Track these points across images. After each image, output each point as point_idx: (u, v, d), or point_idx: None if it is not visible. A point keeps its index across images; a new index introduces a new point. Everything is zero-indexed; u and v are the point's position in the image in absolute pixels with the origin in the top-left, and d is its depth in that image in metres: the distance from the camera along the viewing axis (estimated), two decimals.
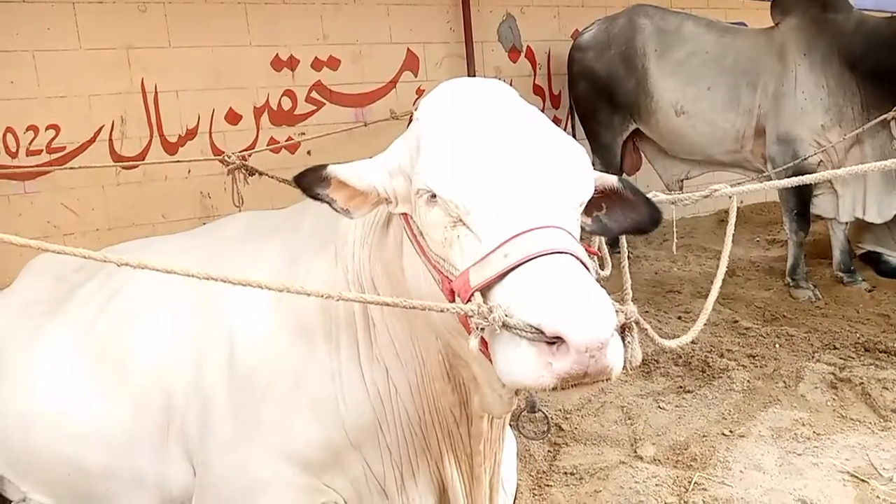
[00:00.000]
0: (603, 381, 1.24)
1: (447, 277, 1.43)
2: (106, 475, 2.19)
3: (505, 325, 1.22)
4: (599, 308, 1.21)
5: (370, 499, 1.90)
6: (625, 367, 1.31)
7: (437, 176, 1.41)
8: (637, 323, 1.41)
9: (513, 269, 1.27)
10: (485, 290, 1.31)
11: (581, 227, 1.58)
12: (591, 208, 1.57)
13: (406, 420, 1.82)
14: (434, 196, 1.42)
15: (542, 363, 1.20)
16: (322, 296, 1.41)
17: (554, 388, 1.22)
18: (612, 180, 1.61)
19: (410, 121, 4.86)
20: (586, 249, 1.45)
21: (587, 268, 1.31)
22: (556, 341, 1.19)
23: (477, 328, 1.27)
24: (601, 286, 1.29)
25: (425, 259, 1.50)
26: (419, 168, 1.46)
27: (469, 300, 1.32)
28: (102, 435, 2.15)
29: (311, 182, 1.57)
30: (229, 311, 1.98)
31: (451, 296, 1.41)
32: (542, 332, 1.19)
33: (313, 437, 1.83)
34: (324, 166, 1.58)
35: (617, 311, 1.31)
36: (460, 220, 1.39)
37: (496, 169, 1.38)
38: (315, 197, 1.58)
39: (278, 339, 1.87)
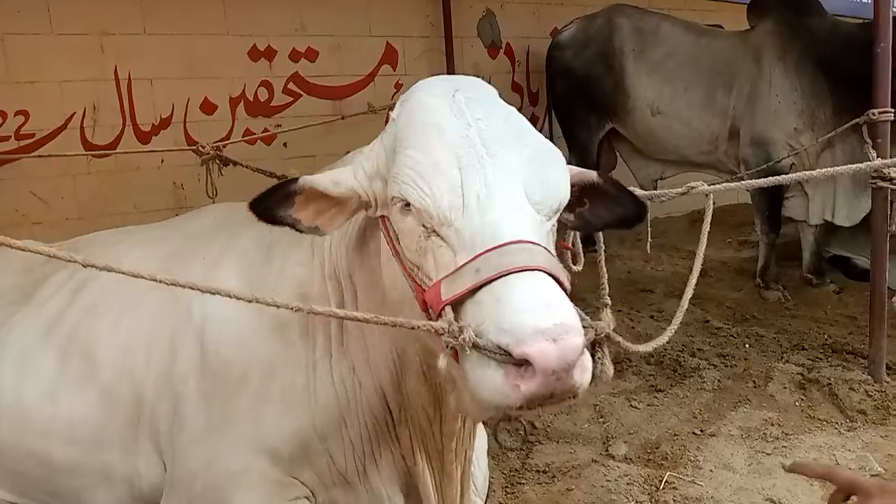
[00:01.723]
0: (570, 398, 1.24)
1: (420, 286, 1.41)
2: (73, 470, 2.15)
3: (475, 346, 1.22)
4: (568, 330, 1.19)
5: (333, 489, 1.89)
6: (594, 381, 1.32)
7: (411, 185, 1.37)
8: (608, 337, 1.40)
9: (483, 285, 1.25)
10: (456, 304, 1.30)
11: (563, 223, 1.58)
12: (572, 204, 1.55)
13: (370, 415, 1.82)
14: (408, 204, 1.39)
15: (509, 385, 1.20)
16: (293, 308, 1.40)
17: (521, 408, 1.22)
18: (591, 176, 1.60)
19: (388, 116, 4.82)
20: (560, 245, 1.46)
21: (560, 282, 1.29)
22: (524, 363, 1.18)
23: (447, 346, 1.26)
24: (571, 297, 1.29)
25: (400, 264, 1.48)
26: (393, 174, 1.43)
27: (440, 313, 1.31)
28: (69, 429, 2.10)
29: (271, 204, 1.50)
30: (202, 303, 1.93)
31: (424, 305, 1.39)
32: (510, 354, 1.19)
33: (285, 429, 1.82)
34: (295, 179, 1.52)
35: (587, 328, 1.30)
36: (434, 231, 1.37)
37: (471, 179, 1.35)
38: (276, 221, 1.52)
39: (254, 332, 1.84)
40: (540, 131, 1.54)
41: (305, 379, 1.81)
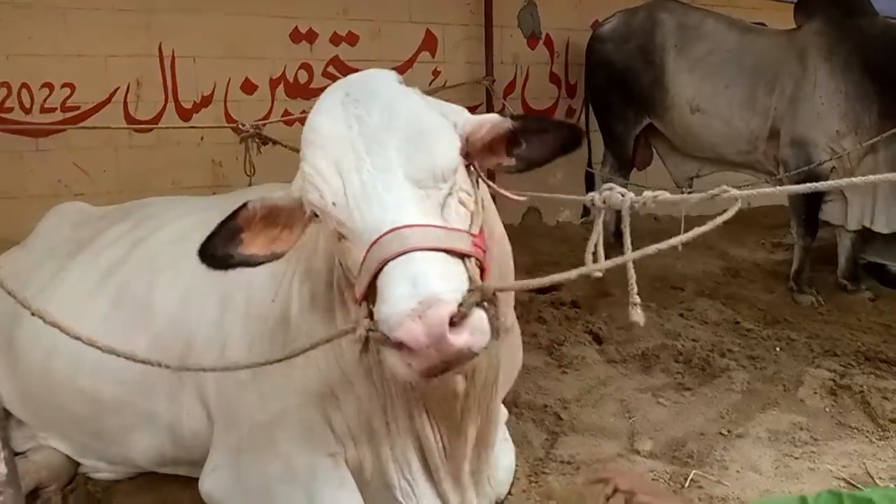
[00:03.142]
0: (471, 359, 1.35)
1: (350, 282, 1.55)
2: (119, 410, 2.32)
3: (369, 339, 1.37)
4: (432, 303, 1.28)
5: (361, 442, 1.96)
6: (497, 336, 1.40)
7: (309, 193, 1.50)
8: (494, 295, 1.42)
9: (373, 278, 1.37)
10: (370, 298, 1.41)
11: (508, 169, 1.67)
12: (509, 147, 1.64)
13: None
14: (315, 213, 1.52)
15: (403, 364, 1.33)
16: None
17: (427, 378, 1.35)
18: (506, 124, 1.63)
19: None
20: (492, 189, 1.59)
21: (451, 250, 1.38)
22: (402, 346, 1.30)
23: (358, 343, 1.42)
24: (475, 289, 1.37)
25: (339, 267, 1.63)
26: (300, 188, 1.55)
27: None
28: (119, 370, 2.22)
29: (220, 248, 1.59)
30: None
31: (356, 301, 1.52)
32: (389, 340, 1.31)
33: (315, 369, 1.92)
34: (245, 205, 1.60)
35: (473, 290, 1.36)
36: (341, 235, 1.50)
37: (350, 180, 1.45)
38: (231, 264, 1.60)
39: (285, 286, 2.00)
40: (576, 123, 1.57)
41: (332, 326, 1.89)
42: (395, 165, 1.47)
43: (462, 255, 1.42)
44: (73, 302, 2.36)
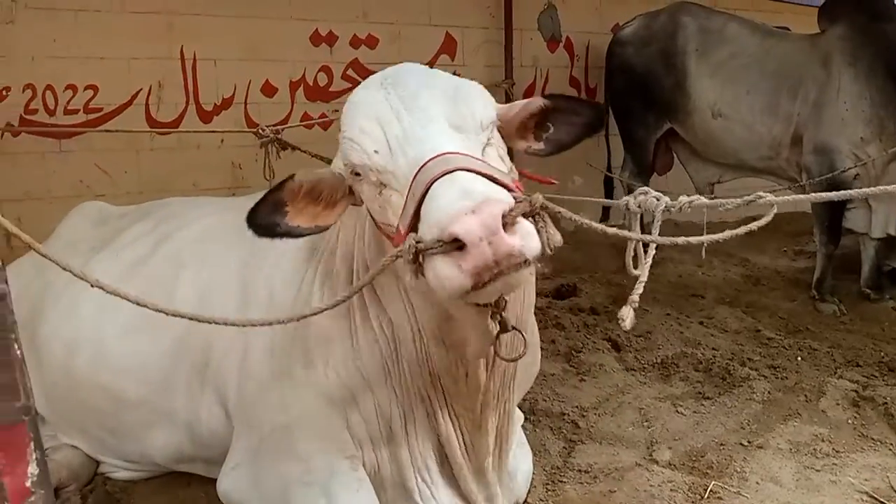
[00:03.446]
0: (523, 265, 1.33)
1: (391, 236, 1.56)
2: (139, 407, 2.36)
3: (417, 250, 1.35)
4: (486, 200, 1.30)
5: (379, 444, 1.99)
6: (547, 249, 1.43)
7: (349, 151, 1.57)
8: (544, 208, 1.45)
9: (419, 203, 1.39)
10: (415, 230, 1.41)
11: (536, 153, 1.74)
12: (538, 132, 1.72)
13: (406, 366, 1.91)
14: (356, 173, 1.58)
15: (454, 267, 1.31)
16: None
17: (478, 287, 1.32)
18: (537, 102, 1.71)
19: None
20: (523, 174, 1.62)
21: (492, 177, 1.41)
22: (462, 245, 1.29)
23: (405, 263, 1.40)
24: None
25: (378, 231, 1.65)
26: (340, 151, 1.61)
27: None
28: (141, 369, 2.29)
29: (267, 217, 1.62)
30: (273, 262, 2.16)
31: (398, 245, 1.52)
32: (443, 242, 1.31)
33: (333, 372, 1.95)
34: (291, 177, 1.65)
35: (520, 200, 1.39)
36: (382, 184, 1.54)
37: (391, 130, 1.52)
38: (277, 233, 1.64)
39: (308, 282, 2.05)
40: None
41: (347, 326, 1.95)
42: (435, 113, 1.53)
43: (503, 187, 1.42)
44: (100, 298, 2.40)
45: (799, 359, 3.88)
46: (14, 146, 4.41)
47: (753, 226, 1.83)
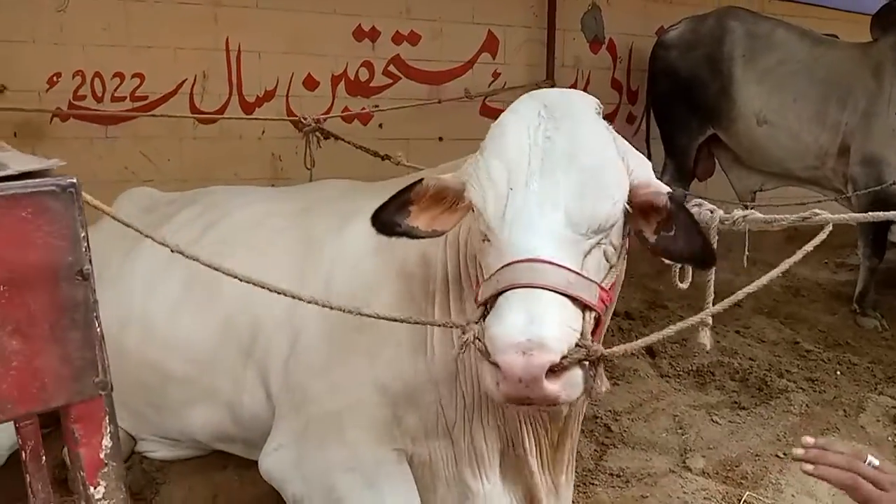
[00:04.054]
0: (554, 406, 1.42)
1: (477, 280, 1.62)
2: (184, 383, 2.38)
3: (473, 345, 1.43)
4: (541, 346, 1.32)
5: (436, 437, 1.98)
6: (590, 396, 1.45)
7: (474, 188, 1.56)
8: (602, 358, 1.44)
9: (499, 294, 1.42)
10: (489, 304, 1.47)
11: (645, 239, 1.65)
12: (659, 225, 1.62)
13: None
14: (474, 210, 1.58)
15: (493, 382, 1.39)
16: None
17: (508, 402, 1.41)
18: (661, 199, 1.59)
19: (483, 102, 4.77)
20: (600, 288, 1.50)
21: (575, 297, 1.40)
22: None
23: (460, 340, 1.48)
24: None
25: (470, 259, 1.70)
26: (469, 174, 1.60)
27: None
28: (188, 347, 2.33)
29: (389, 217, 1.66)
30: (334, 248, 2.16)
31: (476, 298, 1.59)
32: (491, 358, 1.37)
33: (397, 370, 1.95)
34: (417, 181, 1.67)
35: (580, 346, 1.39)
36: (486, 237, 1.55)
37: (515, 197, 1.50)
38: (396, 232, 1.67)
39: (378, 280, 2.01)
40: (637, 131, 1.57)
41: (423, 334, 1.93)
42: (561, 199, 1.49)
43: (584, 306, 1.44)
44: (149, 279, 2.45)
45: (838, 373, 3.80)
46: (62, 131, 4.51)
47: (810, 246, 1.80)
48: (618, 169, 1.58)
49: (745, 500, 2.60)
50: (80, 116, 4.52)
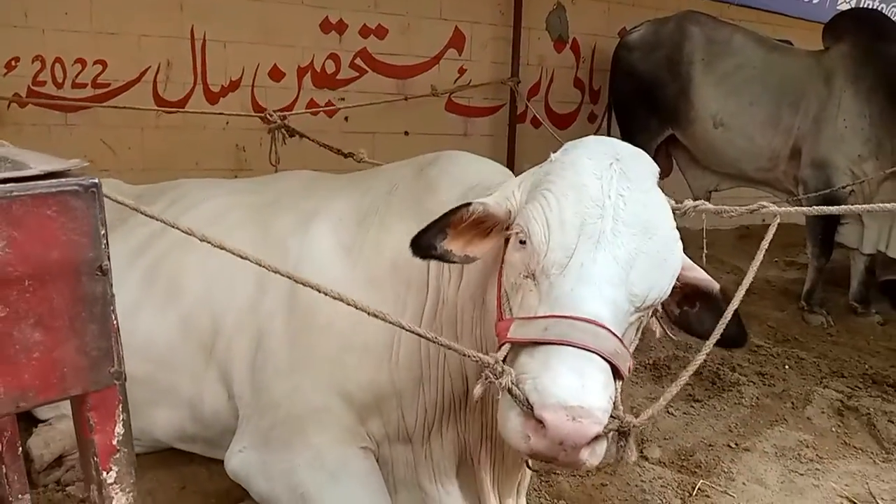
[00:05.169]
0: (572, 470, 1.39)
1: (501, 314, 1.57)
2: (143, 384, 2.31)
3: (509, 391, 1.36)
4: (589, 415, 1.29)
5: (396, 442, 2.01)
6: (618, 463, 1.48)
7: (536, 224, 1.50)
8: (632, 428, 1.44)
9: (543, 343, 1.38)
10: (517, 345, 1.43)
11: (666, 313, 1.66)
12: (682, 301, 1.64)
13: (449, 390, 1.92)
14: (524, 242, 1.52)
15: (523, 433, 1.34)
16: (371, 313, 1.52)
17: (529, 456, 1.38)
18: (712, 287, 1.62)
19: (449, 98, 4.79)
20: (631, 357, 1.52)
21: (618, 369, 1.39)
22: (541, 422, 1.31)
23: (485, 379, 1.40)
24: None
25: (497, 287, 1.61)
26: (527, 206, 1.55)
27: (501, 346, 1.47)
28: (147, 347, 2.28)
29: (428, 241, 1.60)
30: (299, 249, 2.11)
31: (495, 331, 1.56)
32: (532, 410, 1.32)
33: (362, 378, 1.95)
34: (467, 204, 1.61)
35: (614, 417, 1.39)
36: (532, 275, 1.49)
37: (583, 249, 1.45)
38: (431, 255, 1.61)
39: (346, 283, 1.91)
40: (598, 130, 1.60)
41: (390, 338, 1.92)
42: (626, 269, 1.46)
43: (619, 376, 1.43)
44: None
45: (786, 367, 3.97)
46: (21, 117, 4.42)
47: (766, 242, 1.90)
48: (679, 248, 1.56)
49: (698, 488, 2.72)
50: (39, 103, 4.43)
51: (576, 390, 1.31)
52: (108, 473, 0.84)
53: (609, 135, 5.72)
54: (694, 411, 3.38)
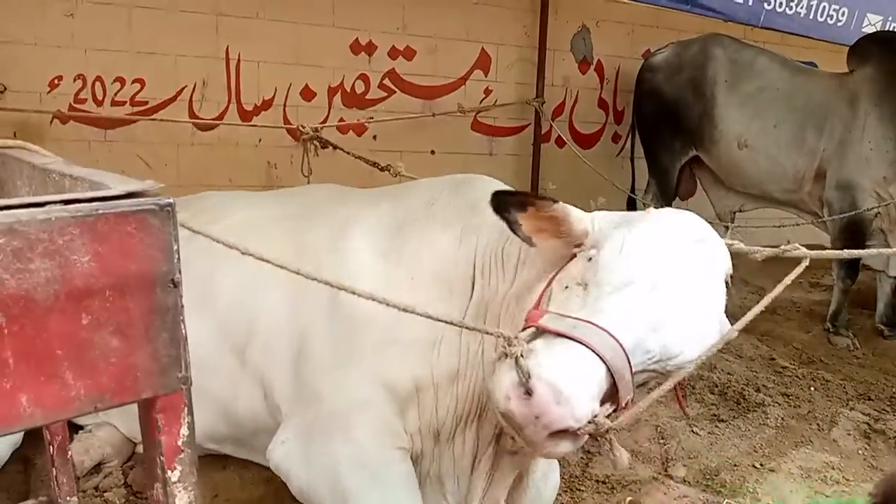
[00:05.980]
0: (531, 448, 1.55)
1: (539, 303, 1.70)
2: None
3: (516, 359, 1.46)
4: (571, 408, 1.42)
5: (428, 436, 2.07)
6: (615, 467, 1.57)
7: (615, 251, 1.67)
8: (608, 432, 1.50)
9: (565, 336, 1.51)
10: (539, 332, 1.56)
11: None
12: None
13: (479, 388, 1.98)
14: (591, 259, 1.69)
15: (505, 392, 1.46)
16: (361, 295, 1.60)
17: (502, 416, 1.50)
18: None
19: (475, 118, 4.80)
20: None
21: (614, 376, 1.50)
22: (528, 393, 1.43)
23: (500, 348, 1.53)
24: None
25: (545, 284, 1.76)
26: (610, 239, 1.71)
27: (525, 329, 1.60)
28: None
29: (509, 203, 1.75)
30: (333, 260, 2.16)
31: (526, 315, 1.68)
32: (528, 379, 1.43)
33: (404, 370, 2.02)
34: (555, 200, 1.78)
35: (592, 421, 1.46)
36: (586, 286, 1.65)
37: (639, 284, 1.62)
38: (505, 216, 1.76)
39: (387, 283, 2.00)
40: (621, 150, 1.73)
41: (433, 335, 1.99)
42: (666, 325, 1.60)
43: (614, 399, 1.53)
44: None
45: (812, 389, 3.97)
46: (62, 133, 4.57)
47: (789, 279, 1.98)
48: (713, 337, 1.72)
49: None
50: (80, 119, 4.59)
51: (573, 382, 1.43)
52: (172, 472, 0.90)
53: (633, 156, 5.79)
54: (719, 431, 3.39)
